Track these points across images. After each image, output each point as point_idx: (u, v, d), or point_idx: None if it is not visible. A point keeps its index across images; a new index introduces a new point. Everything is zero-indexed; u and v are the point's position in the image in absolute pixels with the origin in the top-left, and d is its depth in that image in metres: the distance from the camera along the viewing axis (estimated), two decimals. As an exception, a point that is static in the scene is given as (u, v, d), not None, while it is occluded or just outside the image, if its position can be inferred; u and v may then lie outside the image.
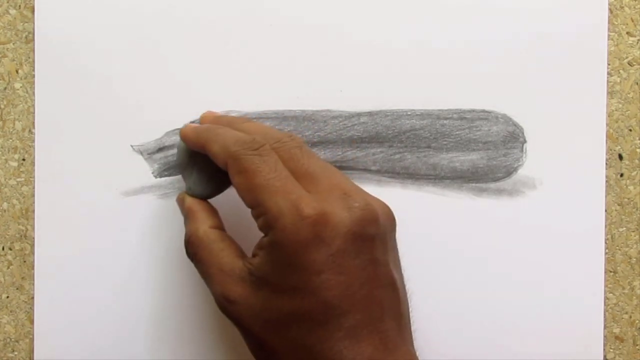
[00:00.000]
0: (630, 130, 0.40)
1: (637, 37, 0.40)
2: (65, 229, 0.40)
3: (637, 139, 0.40)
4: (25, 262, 0.40)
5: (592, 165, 0.40)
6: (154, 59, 0.40)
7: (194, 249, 0.33)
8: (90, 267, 0.40)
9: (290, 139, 0.33)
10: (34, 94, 0.40)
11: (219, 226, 0.34)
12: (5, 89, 0.40)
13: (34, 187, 0.40)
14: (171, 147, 0.40)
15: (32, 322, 0.40)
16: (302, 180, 0.31)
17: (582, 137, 0.40)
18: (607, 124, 0.40)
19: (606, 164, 0.40)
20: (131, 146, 0.40)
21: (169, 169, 0.40)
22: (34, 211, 0.40)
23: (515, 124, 0.40)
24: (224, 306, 0.31)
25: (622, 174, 0.40)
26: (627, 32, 0.40)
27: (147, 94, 0.40)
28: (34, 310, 0.40)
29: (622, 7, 0.40)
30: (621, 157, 0.40)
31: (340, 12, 0.40)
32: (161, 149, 0.40)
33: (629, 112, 0.40)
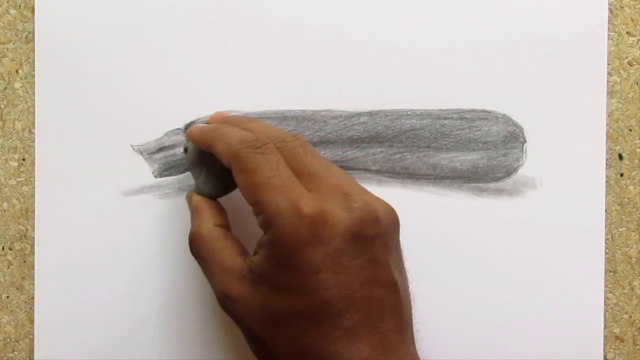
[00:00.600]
0: (630, 130, 0.40)
1: (637, 37, 0.40)
2: (65, 229, 0.40)
3: (637, 139, 0.40)
4: (25, 262, 0.40)
5: (592, 165, 0.40)
6: (154, 59, 0.40)
7: (197, 246, 0.34)
8: (90, 267, 0.40)
9: (294, 138, 0.33)
10: (34, 94, 0.40)
11: (223, 224, 0.34)
12: (5, 89, 0.40)
13: (34, 187, 0.40)
14: (171, 147, 0.40)
15: (32, 322, 0.40)
16: (304, 179, 0.31)
17: (582, 137, 0.40)
18: (607, 124, 0.40)
19: (606, 164, 0.40)
20: (131, 146, 0.40)
21: (169, 169, 0.40)
22: (34, 211, 0.40)
23: (515, 124, 0.40)
24: (224, 303, 0.31)
25: (622, 174, 0.40)
26: (627, 32, 0.40)
27: (147, 94, 0.40)
28: (34, 310, 0.40)
29: (622, 7, 0.40)
30: (621, 157, 0.40)
31: (340, 12, 0.40)
32: (161, 149, 0.40)
33: (629, 112, 0.40)
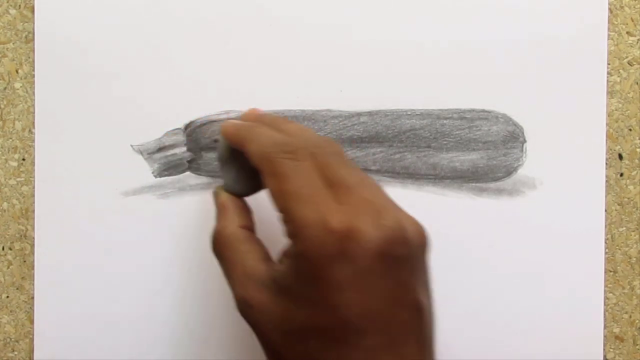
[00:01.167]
0: (630, 130, 0.40)
1: (637, 37, 0.40)
2: (65, 229, 0.40)
3: (637, 138, 0.40)
4: (25, 262, 0.40)
5: (592, 165, 0.40)
6: (154, 59, 0.40)
7: (220, 246, 0.32)
8: (90, 267, 0.40)
9: (328, 144, 0.32)
10: (34, 93, 0.40)
11: (248, 226, 0.33)
12: (5, 89, 0.40)
13: (34, 187, 0.40)
14: (171, 147, 0.40)
15: (32, 322, 0.40)
16: (336, 189, 0.29)
17: (582, 137, 0.40)
18: (607, 124, 0.40)
19: (606, 163, 0.40)
20: (131, 146, 0.40)
21: (169, 168, 0.40)
22: (34, 211, 0.40)
23: (515, 124, 0.40)
24: (243, 310, 0.30)
25: (622, 174, 0.40)
26: (627, 32, 0.40)
27: (147, 94, 0.40)
28: (34, 310, 0.40)
29: (622, 7, 0.40)
30: (621, 157, 0.40)
31: (340, 12, 0.40)
32: (161, 149, 0.40)
33: (629, 112, 0.40)
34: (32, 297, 0.40)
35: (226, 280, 0.32)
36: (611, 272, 0.40)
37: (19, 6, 0.40)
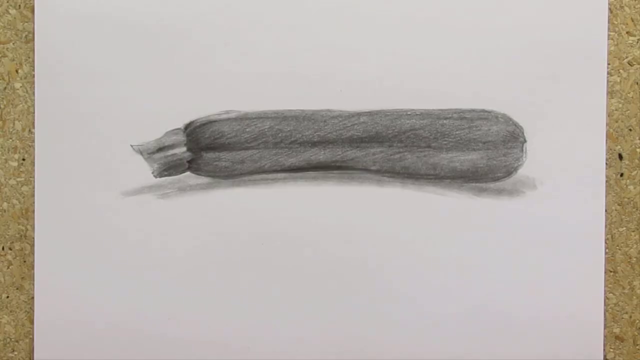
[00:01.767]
0: (630, 130, 0.40)
1: (637, 37, 0.40)
2: (65, 229, 0.40)
3: (637, 138, 0.40)
4: (25, 262, 0.40)
5: (592, 165, 0.40)
6: (153, 59, 0.40)
7: None
8: (90, 267, 0.40)
9: None
10: (34, 94, 0.40)
11: None
12: (5, 89, 0.40)
13: (34, 187, 0.40)
14: (171, 147, 0.40)
15: (32, 322, 0.40)
16: None
17: (582, 137, 0.40)
18: (607, 124, 0.40)
19: (606, 164, 0.40)
20: (131, 146, 0.40)
21: (168, 169, 0.40)
22: (34, 211, 0.40)
23: (515, 124, 0.40)
24: None
25: (622, 174, 0.40)
26: (627, 32, 0.40)
27: (147, 94, 0.40)
28: (34, 310, 0.40)
29: (622, 7, 0.40)
30: (621, 157, 0.40)
31: (340, 12, 0.40)
32: (161, 149, 0.40)
33: (629, 112, 0.40)
34: (32, 297, 0.40)
35: None
36: (611, 272, 0.40)
37: (19, 6, 0.40)
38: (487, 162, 0.40)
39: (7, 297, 0.40)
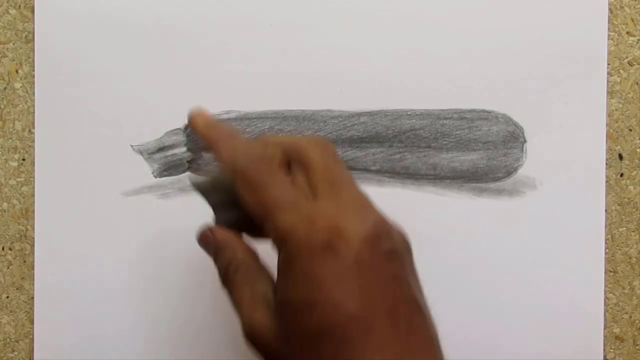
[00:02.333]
0: (630, 130, 0.40)
1: (637, 37, 0.40)
2: (65, 229, 0.40)
3: (637, 139, 0.40)
4: (25, 262, 0.40)
5: (592, 165, 0.40)
6: (153, 59, 0.40)
7: (232, 275, 0.32)
8: (90, 267, 0.40)
9: (315, 145, 0.31)
10: (34, 94, 0.40)
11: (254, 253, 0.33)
12: (5, 89, 0.40)
13: (34, 187, 0.40)
14: (171, 147, 0.40)
15: (32, 322, 0.40)
16: (320, 187, 0.29)
17: (582, 137, 0.40)
18: (607, 124, 0.40)
19: (606, 164, 0.40)
20: (131, 146, 0.40)
21: (168, 169, 0.40)
22: (34, 211, 0.40)
23: (515, 124, 0.40)
24: (250, 334, 0.30)
25: (622, 174, 0.40)
26: (627, 32, 0.40)
27: (147, 94, 0.40)
28: (34, 310, 0.40)
29: (622, 7, 0.40)
30: (621, 157, 0.40)
31: (340, 13, 0.40)
32: (161, 149, 0.40)
33: (629, 112, 0.40)
34: (32, 297, 0.40)
35: (234, 308, 0.31)
36: (611, 272, 0.40)
37: (19, 6, 0.40)
38: (487, 162, 0.40)
39: (7, 297, 0.40)
